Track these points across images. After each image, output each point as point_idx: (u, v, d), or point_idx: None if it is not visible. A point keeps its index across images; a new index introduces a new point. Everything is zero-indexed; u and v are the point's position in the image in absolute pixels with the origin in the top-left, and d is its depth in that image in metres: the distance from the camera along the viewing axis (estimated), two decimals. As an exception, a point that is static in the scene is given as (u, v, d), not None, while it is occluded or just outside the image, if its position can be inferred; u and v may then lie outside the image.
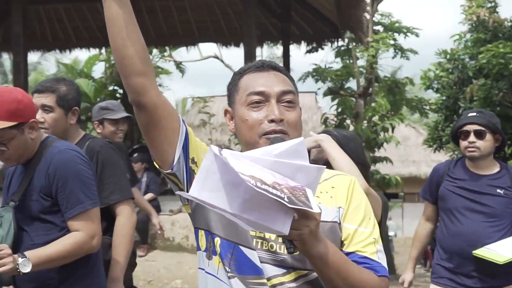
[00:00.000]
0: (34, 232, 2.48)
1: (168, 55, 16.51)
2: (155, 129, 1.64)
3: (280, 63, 14.20)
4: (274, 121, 1.62)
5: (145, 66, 1.61)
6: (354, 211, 1.65)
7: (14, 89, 2.55)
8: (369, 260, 1.60)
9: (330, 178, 1.70)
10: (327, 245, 1.49)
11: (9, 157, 2.50)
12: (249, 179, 1.27)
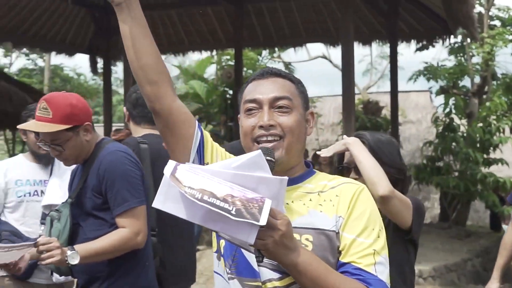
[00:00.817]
0: (88, 227, 2.67)
1: (277, 56, 16.70)
2: (170, 134, 1.75)
3: (388, 61, 13.85)
4: (263, 127, 1.65)
5: (158, 76, 1.71)
6: (355, 221, 1.62)
7: (70, 94, 2.76)
8: (363, 272, 1.56)
9: (337, 186, 1.68)
10: (301, 254, 1.49)
11: (67, 157, 2.71)
12: (194, 193, 1.32)
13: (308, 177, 1.72)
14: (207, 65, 16.84)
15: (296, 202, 1.65)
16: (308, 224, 1.61)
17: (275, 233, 1.41)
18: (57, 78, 21.02)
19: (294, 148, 1.68)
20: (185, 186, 1.35)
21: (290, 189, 1.65)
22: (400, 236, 2.48)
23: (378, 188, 2.36)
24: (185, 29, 14.22)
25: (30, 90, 14.20)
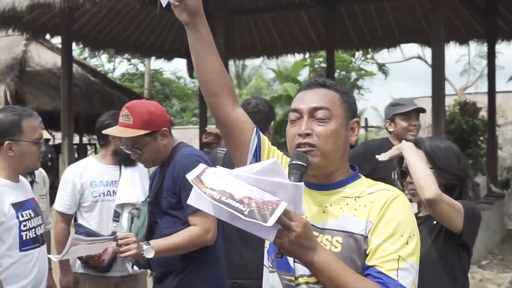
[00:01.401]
0: (164, 225, 2.89)
1: (370, 57, 16.55)
2: (230, 140, 1.93)
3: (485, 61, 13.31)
4: (301, 135, 1.75)
5: (218, 89, 1.87)
6: (384, 226, 1.67)
7: (149, 102, 2.99)
8: (384, 276, 1.62)
9: (374, 193, 1.74)
10: (318, 254, 1.58)
11: (146, 160, 2.94)
12: (214, 194, 1.46)
13: (350, 182, 1.80)
14: (301, 67, 16.98)
15: (333, 206, 1.75)
16: (340, 227, 1.70)
17: (290, 233, 1.52)
18: (157, 82, 21.93)
19: (331, 155, 1.76)
20: (207, 187, 1.49)
21: (330, 193, 1.76)
22: (452, 240, 2.50)
23: (424, 191, 2.41)
24: (278, 32, 14.45)
25: (131, 94, 14.99)
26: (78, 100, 12.39)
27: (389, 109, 4.12)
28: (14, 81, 11.74)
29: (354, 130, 1.84)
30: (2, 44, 13.31)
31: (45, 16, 11.33)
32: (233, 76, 35.90)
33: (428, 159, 2.55)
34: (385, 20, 13.44)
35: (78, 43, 13.15)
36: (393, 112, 4.06)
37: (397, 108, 4.05)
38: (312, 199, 1.79)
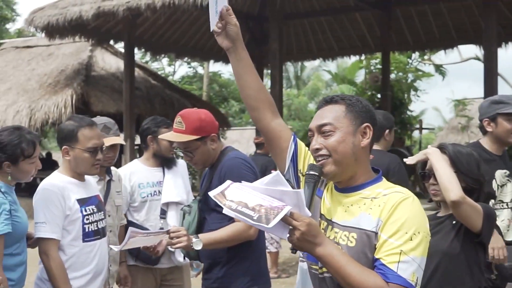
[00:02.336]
0: (211, 220, 3.18)
1: (427, 58, 16.46)
2: (271, 147, 2.28)
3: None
4: (313, 151, 2.04)
5: (258, 103, 2.21)
6: (391, 224, 1.87)
7: (200, 110, 3.29)
8: (384, 268, 1.84)
9: (388, 194, 1.95)
10: (329, 249, 1.85)
11: (196, 162, 3.26)
12: (232, 205, 1.79)
13: (369, 185, 2.02)
14: (357, 69, 17.06)
15: (353, 206, 1.99)
16: (356, 224, 1.94)
17: (296, 232, 1.81)
18: (215, 84, 22.43)
19: (343, 162, 1.99)
20: (227, 200, 1.83)
21: (350, 195, 2.03)
22: (470, 238, 2.71)
23: (450, 193, 2.63)
24: (334, 35, 14.61)
25: (190, 96, 15.46)
26: (139, 102, 12.92)
27: (490, 107, 3.66)
28: (80, 85, 12.36)
29: (366, 134, 2.05)
30: (70, 50, 14.00)
31: (109, 23, 11.91)
32: (291, 76, 36.19)
33: (451, 163, 2.76)
34: (441, 21, 13.40)
35: (140, 48, 13.70)
36: (495, 110, 3.60)
37: (502, 107, 3.60)
38: (337, 200, 2.05)
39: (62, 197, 3.13)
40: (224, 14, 2.12)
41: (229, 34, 2.14)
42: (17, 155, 3.03)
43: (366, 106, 2.10)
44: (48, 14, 11.09)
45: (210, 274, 3.22)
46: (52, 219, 3.09)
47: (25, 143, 3.04)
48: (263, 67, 14.43)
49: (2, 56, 15.22)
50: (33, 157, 3.09)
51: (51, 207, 3.09)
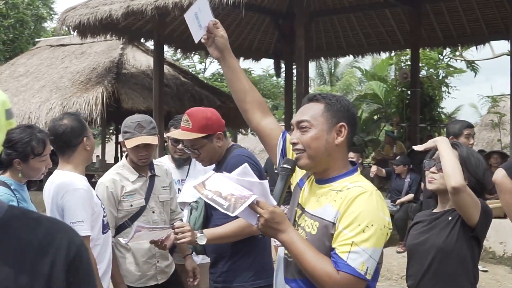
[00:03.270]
0: (216, 216, 3.26)
1: (459, 54, 16.25)
2: (264, 144, 2.51)
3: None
4: (292, 144, 2.21)
5: (248, 105, 2.46)
6: (347, 216, 2.02)
7: (207, 109, 3.38)
8: (337, 256, 1.99)
9: (350, 188, 2.09)
10: (286, 235, 2.03)
11: (203, 159, 3.35)
12: (208, 193, 1.97)
13: (341, 178, 2.17)
14: (387, 66, 16.95)
15: (323, 197, 2.16)
16: (320, 214, 2.11)
17: (261, 218, 2.00)
18: (246, 81, 22.49)
19: (316, 157, 2.14)
20: (205, 189, 2.00)
21: (323, 187, 2.18)
22: (466, 232, 2.76)
23: (451, 179, 2.67)
24: (363, 31, 14.57)
25: (220, 93, 15.59)
26: (169, 99, 13.11)
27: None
28: (111, 82, 12.60)
29: (341, 132, 2.18)
30: (101, 48, 14.28)
31: (139, 22, 12.12)
32: (325, 72, 36.05)
33: (461, 161, 2.80)
34: (472, 17, 13.23)
35: (170, 45, 13.87)
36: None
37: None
38: (313, 191, 2.21)
39: (91, 195, 3.24)
40: (211, 28, 2.33)
41: (217, 45, 2.37)
42: (27, 153, 3.13)
43: (346, 106, 2.21)
44: (80, 13, 11.33)
45: (216, 268, 3.32)
46: (87, 217, 3.18)
47: (35, 141, 3.14)
48: (292, 63, 14.48)
49: (37, 55, 15.62)
50: (43, 155, 3.20)
51: (86, 206, 3.18)
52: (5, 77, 14.96)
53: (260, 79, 25.19)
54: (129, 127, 3.57)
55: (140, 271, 3.66)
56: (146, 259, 3.67)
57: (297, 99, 10.35)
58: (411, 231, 3.01)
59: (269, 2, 12.22)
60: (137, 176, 3.65)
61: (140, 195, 3.62)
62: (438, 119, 14.65)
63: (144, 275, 3.68)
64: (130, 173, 3.63)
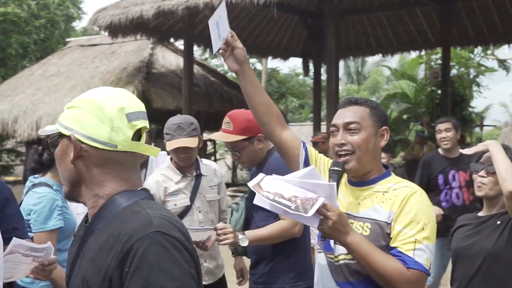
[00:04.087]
0: (258, 218, 3.28)
1: (490, 53, 16.03)
2: (284, 156, 2.50)
3: None
4: (337, 145, 2.21)
5: (267, 118, 2.41)
6: (404, 216, 2.09)
7: (247, 111, 3.38)
8: (402, 255, 2.05)
9: (398, 189, 2.18)
10: (352, 237, 2.03)
11: (243, 161, 3.36)
12: (269, 195, 1.93)
13: (380, 179, 2.24)
14: (417, 65, 16.80)
15: (367, 199, 2.20)
16: (370, 215, 2.15)
17: (328, 221, 1.99)
18: (273, 80, 22.54)
19: (364, 159, 2.21)
20: (264, 191, 1.97)
21: (364, 189, 2.23)
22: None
23: (507, 184, 2.61)
24: (393, 30, 14.46)
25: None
26: (198, 99, 13.16)
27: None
28: (141, 82, 12.69)
29: (384, 136, 2.27)
30: (131, 48, 14.38)
31: (169, 22, 12.19)
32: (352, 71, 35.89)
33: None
34: (505, 15, 13.04)
35: (199, 45, 13.94)
36: None
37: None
38: (351, 193, 2.25)
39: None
40: (230, 40, 2.30)
41: (236, 57, 2.34)
42: None
43: (384, 112, 2.32)
44: (111, 13, 11.45)
45: (256, 270, 3.32)
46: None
47: None
48: (321, 63, 14.44)
49: (68, 54, 15.79)
50: None
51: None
52: (37, 76, 15.15)
53: (287, 77, 25.16)
54: (169, 129, 3.58)
55: None
56: None
57: (327, 99, 10.32)
58: (456, 234, 2.97)
59: (298, 1, 12.20)
60: (181, 176, 3.64)
61: (184, 194, 3.62)
62: (469, 119, 14.48)
63: None
64: (174, 174, 3.64)
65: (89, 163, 1.54)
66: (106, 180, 1.54)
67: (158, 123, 15.27)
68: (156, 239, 1.38)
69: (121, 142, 1.51)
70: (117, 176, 1.54)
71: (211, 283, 3.70)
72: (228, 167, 18.35)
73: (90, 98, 1.55)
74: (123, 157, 1.54)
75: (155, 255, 1.37)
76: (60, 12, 22.57)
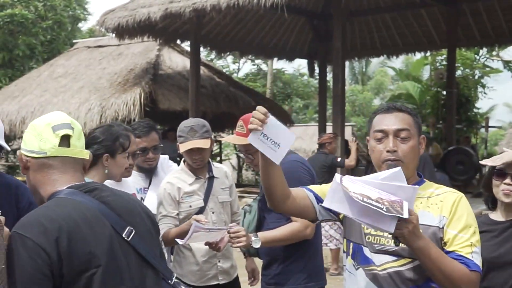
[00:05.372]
0: (270, 219, 3.34)
1: (496, 54, 16.06)
2: (296, 214, 2.49)
3: None
4: (389, 152, 2.20)
5: (278, 200, 2.33)
6: (457, 220, 2.13)
7: None
8: (463, 258, 2.08)
9: (442, 194, 2.21)
10: (426, 242, 2.02)
11: (256, 164, 3.41)
12: (358, 196, 1.89)
13: (419, 185, 2.23)
14: (422, 66, 16.83)
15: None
16: (420, 221, 2.06)
17: (410, 225, 1.94)
18: (279, 81, 22.60)
19: (410, 168, 2.23)
20: (351, 191, 1.93)
21: None
22: None
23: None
24: (399, 31, 14.51)
25: (254, 93, 15.68)
26: (205, 100, 13.22)
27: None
28: (148, 83, 12.75)
29: (421, 144, 2.31)
30: (138, 49, 14.46)
31: (176, 23, 12.26)
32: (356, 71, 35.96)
33: None
34: (510, 16, 13.10)
35: (206, 46, 14.01)
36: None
37: None
38: None
39: None
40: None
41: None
42: (116, 148, 3.12)
43: (420, 120, 2.33)
44: (119, 15, 11.53)
45: (269, 271, 3.39)
46: None
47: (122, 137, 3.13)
48: (327, 64, 14.50)
49: (75, 56, 15.88)
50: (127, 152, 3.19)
51: None
52: (44, 77, 15.25)
53: (291, 78, 25.22)
54: (182, 131, 3.66)
55: (200, 270, 3.71)
56: (207, 258, 3.70)
57: (333, 100, 10.37)
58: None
59: (304, 2, 12.27)
60: (194, 178, 3.71)
61: (198, 196, 3.69)
62: (474, 120, 14.51)
63: (204, 275, 3.71)
64: (187, 176, 3.71)
65: (32, 171, 1.98)
66: (44, 183, 1.96)
67: (164, 124, 15.36)
68: (13, 237, 1.77)
69: (49, 149, 1.94)
70: (50, 178, 1.95)
71: (226, 283, 3.76)
72: (233, 168, 18.42)
73: (32, 122, 2.02)
74: (52, 162, 1.95)
75: (8, 252, 1.74)
76: (67, 13, 22.67)
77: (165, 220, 3.62)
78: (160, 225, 3.44)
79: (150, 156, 3.77)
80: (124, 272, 1.88)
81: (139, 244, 1.96)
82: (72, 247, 1.77)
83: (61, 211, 1.84)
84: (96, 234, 1.85)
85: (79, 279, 1.78)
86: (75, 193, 1.92)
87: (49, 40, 21.61)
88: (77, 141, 2.02)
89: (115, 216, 1.94)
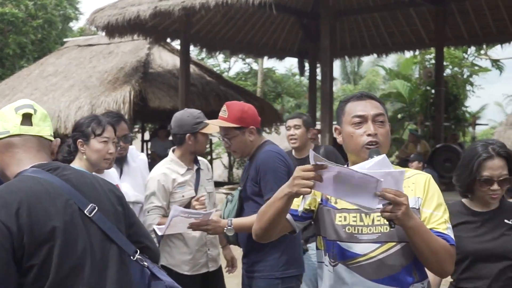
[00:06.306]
0: (248, 208, 3.42)
1: (484, 53, 16.19)
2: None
3: None
4: (371, 135, 2.26)
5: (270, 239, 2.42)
6: (430, 200, 2.25)
7: (244, 103, 3.55)
8: (442, 234, 2.19)
9: (412, 176, 2.30)
10: (417, 220, 2.12)
11: (234, 150, 3.51)
12: (355, 169, 1.96)
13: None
14: (411, 64, 16.94)
15: None
16: None
17: (402, 206, 2.02)
18: (269, 80, 22.66)
19: (386, 150, 2.31)
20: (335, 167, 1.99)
21: None
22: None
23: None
24: (388, 30, 14.61)
25: (244, 92, 15.73)
26: (195, 98, 13.27)
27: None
28: (138, 82, 12.78)
29: (390, 132, 2.40)
30: (128, 48, 14.49)
31: (165, 22, 12.31)
32: (348, 71, 36.07)
33: None
34: (498, 15, 13.21)
35: (196, 45, 14.06)
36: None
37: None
38: None
39: None
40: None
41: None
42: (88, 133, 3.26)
43: None
44: (108, 14, 11.55)
45: (248, 259, 3.47)
46: None
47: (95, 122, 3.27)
48: (316, 62, 14.57)
49: (65, 54, 15.89)
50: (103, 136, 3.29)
51: None
52: (34, 76, 15.25)
53: (283, 77, 25.27)
54: (198, 118, 3.81)
55: (193, 258, 3.78)
56: (198, 247, 3.80)
57: (322, 98, 10.46)
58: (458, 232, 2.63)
59: (294, 1, 12.33)
60: (186, 169, 3.81)
61: (190, 186, 3.79)
62: (462, 118, 14.63)
63: (197, 263, 3.80)
64: (179, 167, 3.80)
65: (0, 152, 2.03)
66: (10, 163, 2.02)
67: (154, 122, 15.40)
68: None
69: (12, 128, 2.02)
70: (15, 158, 2.02)
71: (214, 270, 3.88)
72: (224, 166, 18.46)
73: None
74: (16, 141, 2.02)
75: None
76: (57, 12, 22.65)
77: (156, 211, 3.71)
78: (151, 216, 3.61)
79: (121, 145, 3.78)
80: (85, 246, 1.90)
81: (102, 221, 1.98)
82: (32, 218, 1.82)
83: (22, 185, 1.90)
84: (57, 208, 1.89)
85: (40, 249, 1.81)
86: (38, 172, 1.97)
87: (39, 39, 21.59)
88: (40, 122, 2.08)
89: (77, 193, 1.97)
